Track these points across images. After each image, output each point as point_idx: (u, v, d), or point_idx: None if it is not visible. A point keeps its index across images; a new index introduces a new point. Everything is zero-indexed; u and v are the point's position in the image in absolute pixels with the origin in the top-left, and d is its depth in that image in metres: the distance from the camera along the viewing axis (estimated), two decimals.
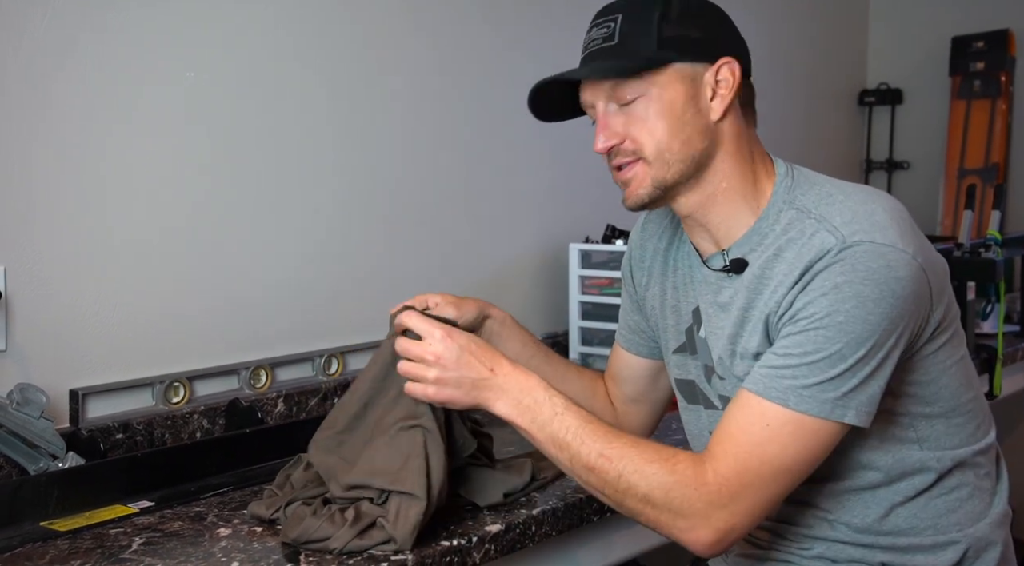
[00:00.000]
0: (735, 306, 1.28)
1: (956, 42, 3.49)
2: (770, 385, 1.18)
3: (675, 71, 1.24)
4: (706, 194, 1.29)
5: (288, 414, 1.93)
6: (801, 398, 1.17)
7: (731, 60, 1.25)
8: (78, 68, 1.68)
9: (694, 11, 1.26)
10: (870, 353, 1.17)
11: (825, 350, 1.16)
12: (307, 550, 1.28)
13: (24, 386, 1.56)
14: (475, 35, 2.33)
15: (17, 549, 1.30)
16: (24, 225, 1.63)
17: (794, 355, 1.18)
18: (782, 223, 1.26)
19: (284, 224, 1.98)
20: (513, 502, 1.46)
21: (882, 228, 1.19)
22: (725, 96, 1.26)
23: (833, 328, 1.16)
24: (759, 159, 1.31)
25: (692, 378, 1.40)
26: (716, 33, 1.27)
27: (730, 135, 1.28)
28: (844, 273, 1.16)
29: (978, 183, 3.38)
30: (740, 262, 1.28)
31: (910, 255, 1.18)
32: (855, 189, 1.27)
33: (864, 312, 1.15)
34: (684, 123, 1.25)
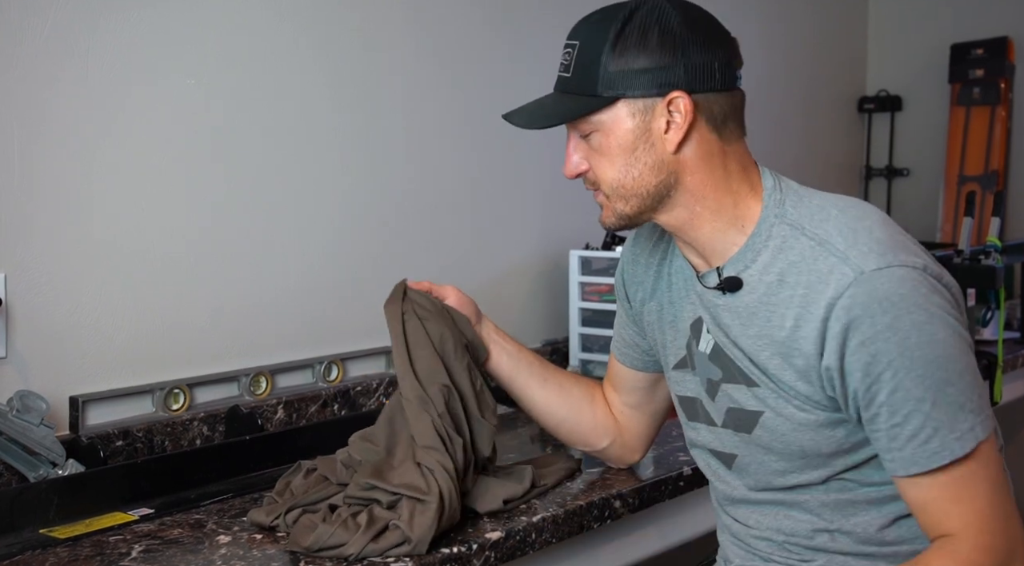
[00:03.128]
0: (740, 323, 1.26)
1: (955, 49, 3.50)
2: (926, 455, 1.15)
3: (623, 106, 1.23)
4: (682, 218, 1.27)
5: (288, 421, 1.93)
6: (956, 442, 1.14)
7: (681, 95, 1.21)
8: (78, 75, 1.68)
9: (647, 39, 1.21)
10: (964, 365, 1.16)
11: (930, 388, 1.14)
12: (318, 557, 1.28)
13: (24, 393, 1.56)
14: (477, 40, 2.33)
15: (17, 556, 1.30)
16: (24, 232, 1.63)
17: (915, 412, 1.15)
18: (776, 240, 1.23)
19: (284, 231, 1.98)
20: (512, 509, 1.46)
21: (889, 247, 1.17)
22: (680, 128, 1.22)
23: (920, 365, 1.14)
24: (741, 176, 1.27)
25: (693, 395, 1.38)
26: (668, 61, 1.21)
27: (695, 162, 1.24)
28: (887, 310, 1.14)
29: (978, 190, 3.39)
30: (734, 280, 1.26)
31: (920, 270, 1.16)
32: (845, 203, 1.25)
33: (929, 337, 1.14)
34: (636, 159, 1.24)
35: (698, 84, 1.21)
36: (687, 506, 1.75)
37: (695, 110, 1.21)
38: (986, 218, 3.23)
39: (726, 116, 1.25)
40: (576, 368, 2.39)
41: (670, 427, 1.99)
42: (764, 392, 1.25)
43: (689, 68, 1.21)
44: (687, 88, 1.21)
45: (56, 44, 1.65)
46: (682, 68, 1.21)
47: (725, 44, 1.26)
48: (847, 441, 1.23)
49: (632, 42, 1.21)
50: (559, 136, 1.91)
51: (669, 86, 1.21)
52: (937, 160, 3.61)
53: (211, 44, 1.85)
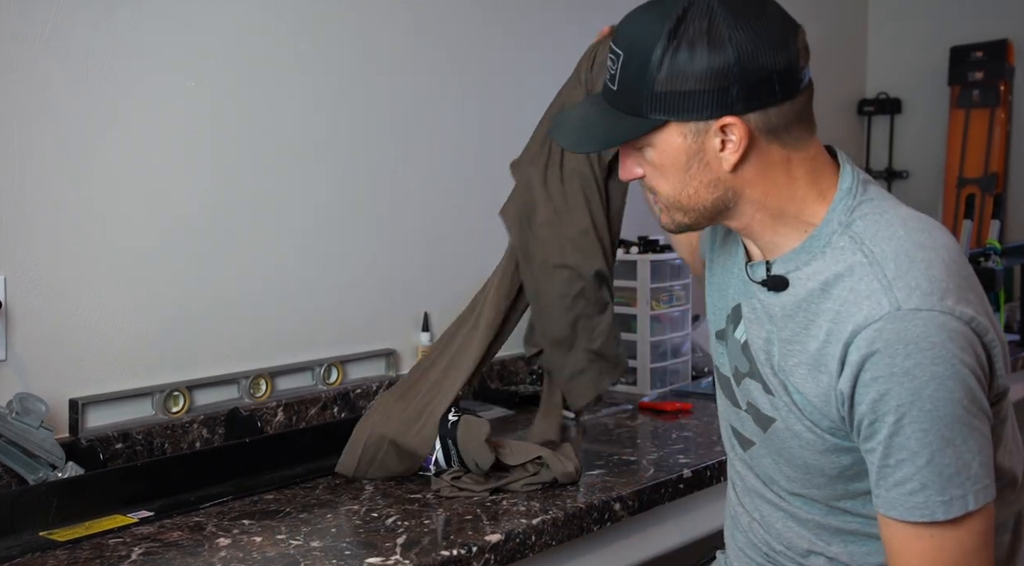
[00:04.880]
0: (774, 324, 1.23)
1: (955, 52, 3.50)
2: (907, 505, 1.12)
3: (674, 127, 1.15)
4: (742, 223, 1.22)
5: (288, 423, 1.93)
6: (941, 506, 1.10)
7: (734, 121, 1.12)
8: (78, 77, 1.68)
9: (695, 56, 1.11)
10: (969, 424, 1.10)
11: (930, 445, 1.09)
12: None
13: (24, 396, 1.56)
14: (474, 40, 2.34)
15: (16, 559, 1.30)
16: (24, 235, 1.64)
17: (906, 461, 1.10)
18: (834, 248, 1.17)
19: (284, 234, 1.98)
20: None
21: (940, 288, 1.10)
22: (736, 150, 1.14)
23: (926, 419, 1.09)
24: (808, 180, 1.19)
25: (723, 372, 1.36)
26: (720, 82, 1.11)
27: (754, 176, 1.17)
28: (911, 354, 1.08)
29: (977, 192, 3.39)
30: (780, 280, 1.21)
31: (966, 321, 1.09)
32: (917, 224, 1.16)
33: (946, 394, 1.08)
34: (690, 177, 1.17)
35: (755, 103, 1.12)
36: (686, 508, 1.75)
37: (752, 129, 1.13)
38: (985, 220, 3.24)
39: (789, 123, 1.16)
40: None
41: (669, 429, 1.99)
42: (779, 402, 1.24)
43: (744, 87, 1.11)
44: (742, 110, 1.12)
45: (56, 46, 1.65)
46: (736, 88, 1.11)
47: (788, 44, 1.15)
48: (852, 469, 1.20)
49: (680, 60, 1.11)
50: None
51: (721, 110, 1.12)
52: (936, 162, 3.61)
53: (211, 46, 1.85)
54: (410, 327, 2.22)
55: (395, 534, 1.38)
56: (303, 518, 1.46)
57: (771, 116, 1.14)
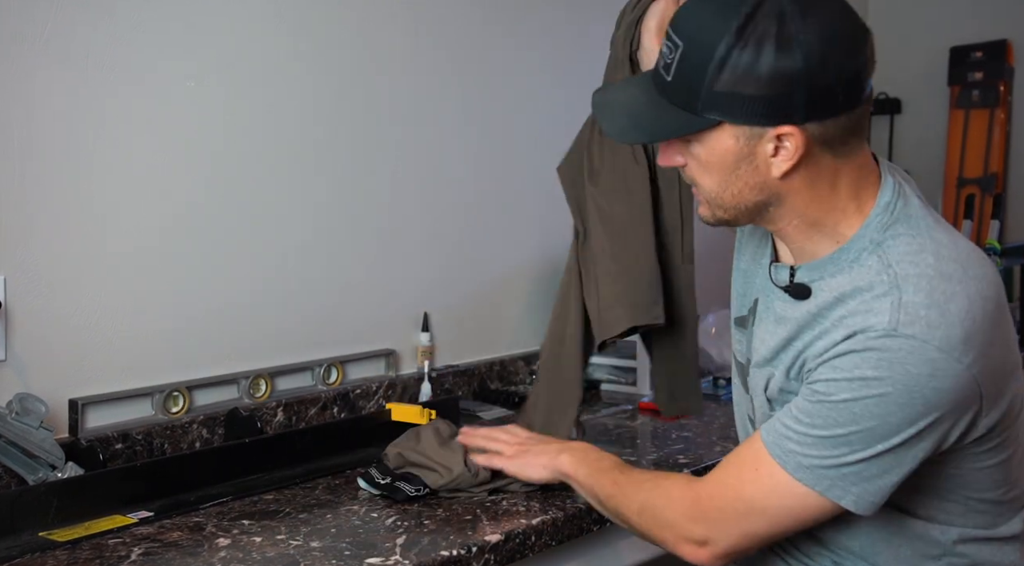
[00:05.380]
0: (786, 328, 1.22)
1: (955, 52, 3.50)
2: (777, 442, 1.15)
3: (728, 128, 1.10)
4: (779, 227, 1.20)
5: (288, 423, 1.93)
6: (800, 467, 1.13)
7: (794, 131, 1.08)
8: (78, 78, 1.68)
9: (761, 58, 1.05)
10: (885, 451, 1.10)
11: (832, 430, 1.10)
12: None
13: (23, 396, 1.56)
14: (474, 40, 2.34)
15: (16, 559, 1.30)
16: (23, 235, 1.63)
17: (803, 423, 1.13)
18: (861, 265, 1.14)
19: (284, 234, 1.98)
20: None
21: (949, 324, 1.07)
22: (790, 159, 1.10)
23: (846, 414, 1.09)
24: (850, 192, 1.16)
25: (739, 358, 1.37)
26: (784, 89, 1.06)
27: (801, 184, 1.14)
28: (879, 367, 1.07)
29: (977, 193, 3.39)
30: (802, 289, 1.19)
31: (964, 366, 1.07)
32: (951, 253, 1.13)
33: (884, 411, 1.08)
34: (736, 177, 1.14)
35: (816, 113, 1.08)
36: None
37: (808, 139, 1.09)
38: (985, 221, 3.24)
39: (845, 134, 1.12)
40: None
41: (669, 429, 1.99)
42: (758, 401, 1.27)
43: (808, 96, 1.06)
44: (802, 119, 1.08)
45: (56, 47, 1.65)
46: (801, 96, 1.06)
47: (858, 51, 1.09)
48: None
49: (745, 60, 1.06)
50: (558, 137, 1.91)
51: (781, 118, 1.08)
52: (936, 163, 3.61)
53: (211, 46, 1.85)
54: (410, 327, 2.22)
55: (395, 534, 1.38)
56: (303, 518, 1.46)
57: (828, 127, 1.10)
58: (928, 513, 1.21)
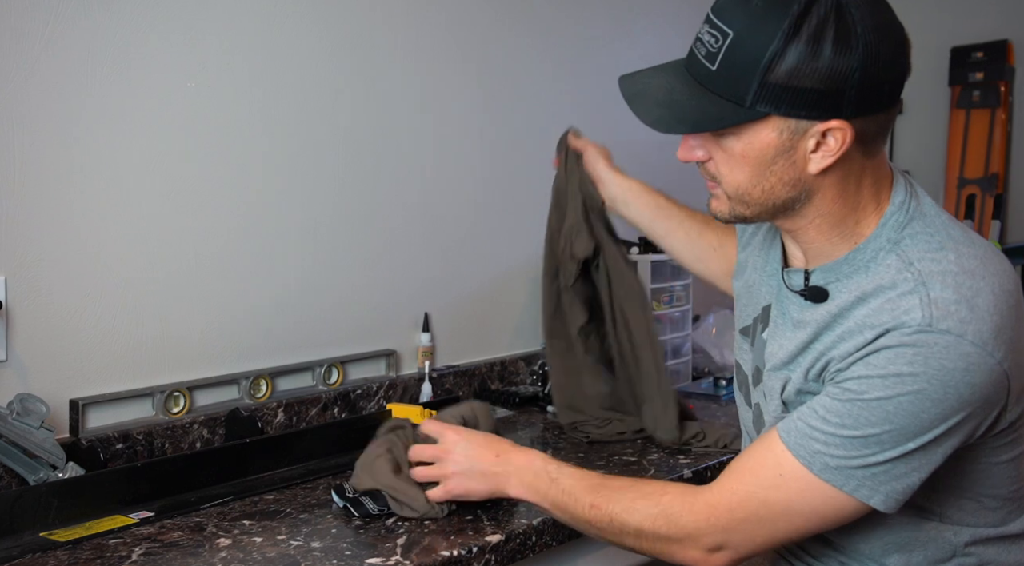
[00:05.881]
0: (804, 332, 1.20)
1: (955, 52, 3.50)
2: (800, 442, 1.12)
3: (773, 121, 1.08)
4: (799, 225, 1.19)
5: (288, 424, 1.93)
6: (826, 468, 1.11)
7: (843, 126, 1.06)
8: (79, 79, 1.68)
9: (820, 50, 1.03)
10: (916, 449, 1.09)
11: (864, 430, 1.09)
12: None
13: (24, 396, 1.56)
14: (477, 42, 2.34)
15: (17, 559, 1.30)
16: (24, 235, 1.64)
17: (832, 423, 1.10)
18: (879, 265, 1.14)
19: (284, 234, 1.98)
20: None
21: (979, 319, 1.06)
22: (832, 154, 1.09)
23: (879, 413, 1.08)
24: (871, 191, 1.16)
25: (744, 368, 1.35)
26: (840, 83, 1.04)
27: (831, 183, 1.13)
28: (913, 363, 1.06)
29: (978, 193, 3.39)
30: (819, 292, 1.18)
31: (996, 361, 1.06)
32: (971, 250, 1.13)
33: (918, 409, 1.06)
34: (771, 173, 1.12)
35: (864, 109, 1.07)
36: None
37: (853, 135, 1.08)
38: (986, 221, 3.24)
39: (879, 132, 1.12)
40: None
41: None
42: (770, 406, 1.25)
43: (860, 91, 1.05)
44: (852, 115, 1.06)
45: (57, 47, 1.65)
46: (854, 92, 1.05)
47: (903, 52, 1.09)
48: None
49: (803, 53, 1.03)
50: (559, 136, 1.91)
51: (833, 113, 1.06)
52: (937, 163, 3.61)
53: (212, 46, 1.85)
54: (410, 327, 2.22)
55: (395, 534, 1.38)
56: (303, 518, 1.46)
57: (870, 123, 1.09)
58: (944, 511, 1.21)
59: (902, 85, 1.10)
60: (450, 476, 1.42)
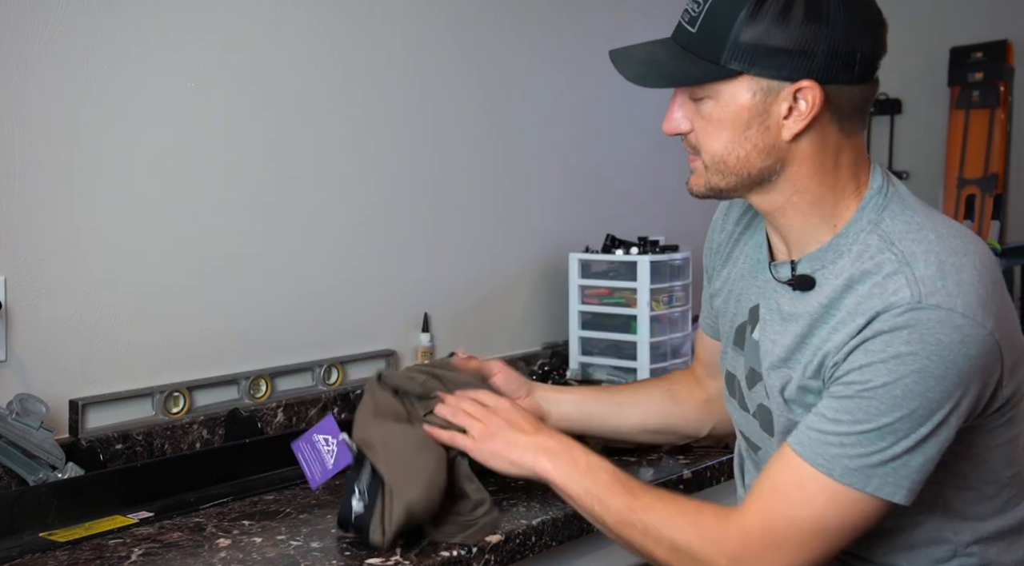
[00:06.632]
0: (797, 325, 1.20)
1: (955, 53, 3.51)
2: (816, 450, 1.12)
3: (747, 81, 1.13)
4: (776, 203, 1.20)
5: (288, 424, 1.93)
6: (847, 471, 1.10)
7: (812, 85, 1.11)
8: (80, 79, 1.68)
9: (791, 12, 1.09)
10: (929, 434, 1.09)
11: (877, 421, 1.09)
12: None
13: (24, 396, 1.56)
14: (478, 42, 2.34)
15: (16, 560, 1.30)
16: (24, 235, 1.64)
17: (844, 421, 1.10)
18: (860, 245, 1.16)
19: (284, 235, 1.98)
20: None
21: (966, 292, 1.08)
22: (803, 118, 1.13)
23: (888, 400, 1.08)
24: (850, 172, 1.18)
25: (736, 375, 1.35)
26: (809, 44, 1.09)
27: (807, 152, 1.16)
28: (910, 342, 1.07)
29: (977, 193, 3.39)
30: (805, 279, 1.20)
31: (988, 330, 1.08)
32: (949, 230, 1.15)
33: (924, 388, 1.07)
34: (745, 139, 1.15)
35: (834, 75, 1.11)
36: None
37: (823, 102, 1.12)
38: (985, 221, 3.24)
39: (852, 110, 1.15)
40: (576, 371, 2.39)
41: None
42: (776, 401, 1.24)
43: (830, 55, 1.10)
44: (821, 78, 1.11)
45: (57, 47, 1.65)
46: (823, 55, 1.10)
47: (875, 31, 1.14)
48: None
49: (774, 12, 1.09)
50: (558, 139, 1.92)
51: (802, 73, 1.10)
52: (936, 163, 3.61)
53: (211, 47, 1.85)
54: (410, 327, 2.22)
55: None
56: (303, 518, 1.46)
57: (842, 94, 1.13)
58: (947, 503, 1.21)
59: (875, 62, 1.14)
60: (483, 434, 1.38)
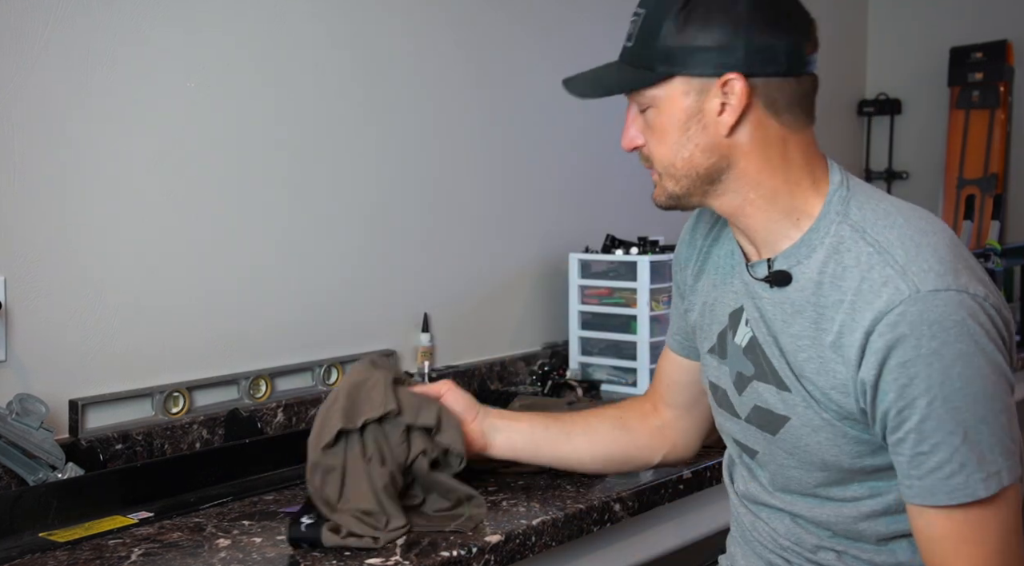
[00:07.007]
0: (783, 322, 1.22)
1: (955, 53, 3.51)
2: (951, 492, 1.11)
3: (680, 84, 1.18)
4: (734, 204, 1.23)
5: (288, 424, 1.93)
6: (983, 484, 1.10)
7: (736, 77, 1.16)
8: (79, 79, 1.68)
9: (711, 15, 1.16)
10: (1003, 406, 1.10)
11: (964, 423, 1.09)
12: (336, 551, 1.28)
13: (23, 396, 1.56)
14: (479, 42, 2.34)
15: (16, 560, 1.30)
16: (24, 235, 1.63)
17: (942, 444, 1.10)
18: (833, 238, 1.18)
19: (284, 235, 1.98)
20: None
21: (952, 269, 1.11)
22: (734, 111, 1.17)
23: (958, 397, 1.09)
24: (802, 167, 1.21)
25: (720, 384, 1.35)
26: (728, 41, 1.16)
27: (750, 146, 1.19)
28: (936, 335, 1.08)
29: (977, 193, 3.39)
30: (783, 275, 1.21)
31: (981, 298, 1.11)
32: (913, 213, 1.19)
33: (974, 370, 1.09)
34: (687, 139, 1.20)
35: (757, 67, 1.16)
36: (687, 509, 1.75)
37: (751, 94, 1.17)
38: (985, 221, 3.24)
39: (790, 102, 1.19)
40: (576, 371, 2.39)
41: None
42: (795, 398, 1.23)
43: (750, 50, 1.16)
44: (744, 70, 1.16)
45: (56, 48, 1.65)
46: (742, 50, 1.16)
47: (798, 28, 1.19)
48: (870, 463, 1.20)
49: (696, 16, 1.16)
50: (558, 140, 1.92)
51: (726, 67, 1.16)
52: (936, 163, 3.61)
53: (211, 47, 1.85)
54: (410, 327, 2.22)
55: (406, 532, 1.38)
56: None
57: (772, 87, 1.18)
58: None
59: (800, 54, 1.18)
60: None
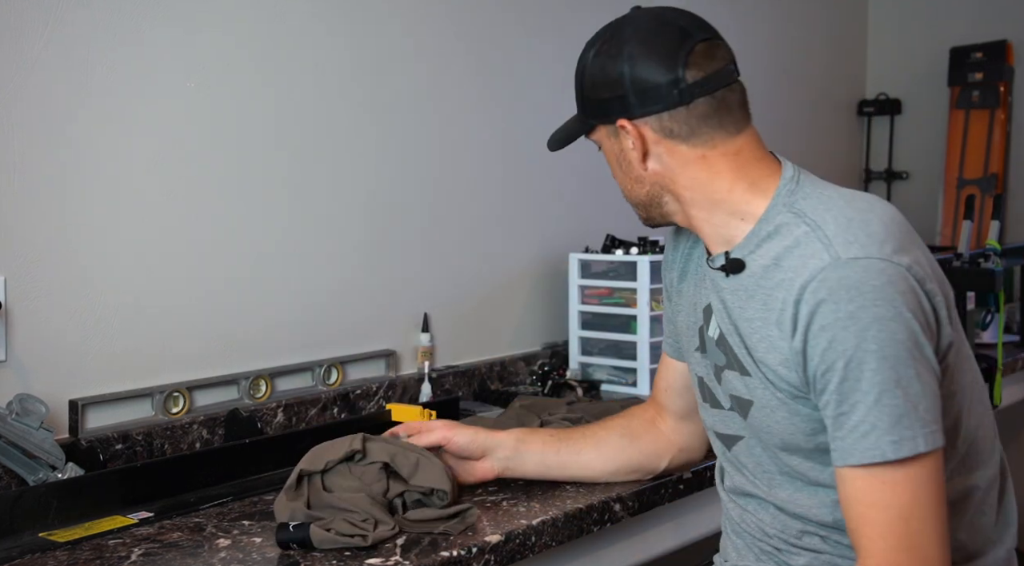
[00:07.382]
0: (740, 308, 1.28)
1: (955, 53, 3.50)
2: (865, 450, 1.14)
3: (602, 130, 1.34)
4: (684, 218, 1.34)
5: (288, 424, 1.93)
6: (890, 446, 1.12)
7: (624, 123, 1.29)
8: (79, 80, 1.68)
9: (605, 70, 1.29)
10: (917, 373, 1.13)
11: (878, 385, 1.12)
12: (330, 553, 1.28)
13: (23, 396, 1.56)
14: (481, 41, 2.34)
15: (16, 560, 1.30)
16: (24, 235, 1.64)
17: (859, 403, 1.14)
18: (780, 226, 1.25)
19: (284, 235, 1.98)
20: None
21: (878, 240, 1.17)
22: (638, 149, 1.30)
23: (872, 360, 1.13)
24: (737, 174, 1.28)
25: (703, 377, 1.40)
26: (616, 91, 1.28)
27: (671, 172, 1.30)
28: (852, 299, 1.13)
29: (977, 193, 3.39)
30: (736, 263, 1.28)
31: (904, 268, 1.15)
32: (857, 196, 1.26)
33: (889, 335, 1.12)
34: (625, 175, 1.35)
35: (645, 108, 1.27)
36: (686, 509, 1.75)
37: (645, 131, 1.29)
38: (985, 221, 3.24)
39: (693, 127, 1.27)
40: (576, 371, 2.39)
41: None
42: (754, 382, 1.27)
43: (634, 95, 1.27)
44: (629, 115, 1.28)
45: (56, 48, 1.65)
46: (630, 95, 1.28)
47: (674, 58, 1.26)
48: (823, 440, 1.22)
49: (595, 72, 1.31)
50: None
51: (616, 114, 1.29)
52: (936, 163, 3.61)
53: (211, 47, 1.85)
54: (410, 327, 2.22)
55: (395, 534, 1.38)
56: None
57: (665, 120, 1.28)
58: None
59: (685, 85, 1.25)
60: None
